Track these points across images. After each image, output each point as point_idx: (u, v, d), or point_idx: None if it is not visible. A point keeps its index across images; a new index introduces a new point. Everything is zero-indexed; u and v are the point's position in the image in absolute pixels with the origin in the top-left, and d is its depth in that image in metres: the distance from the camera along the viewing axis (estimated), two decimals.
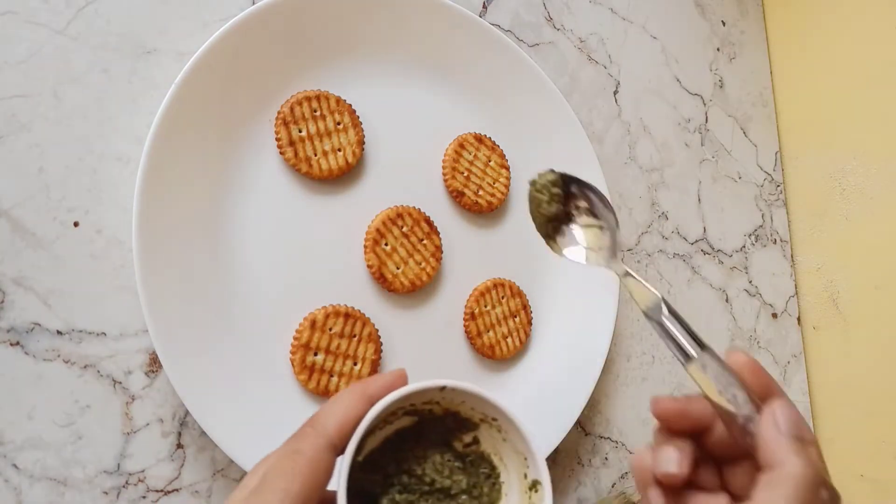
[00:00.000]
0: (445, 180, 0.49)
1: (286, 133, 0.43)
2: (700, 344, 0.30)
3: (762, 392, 0.29)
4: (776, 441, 0.26)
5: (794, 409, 0.27)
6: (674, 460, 0.28)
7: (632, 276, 0.33)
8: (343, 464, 0.25)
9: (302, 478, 0.24)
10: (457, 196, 0.49)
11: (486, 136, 0.51)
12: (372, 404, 0.27)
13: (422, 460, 0.30)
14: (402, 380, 0.28)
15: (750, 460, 0.28)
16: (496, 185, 0.51)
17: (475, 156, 0.50)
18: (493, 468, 0.31)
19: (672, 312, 0.31)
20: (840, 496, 0.27)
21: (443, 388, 0.28)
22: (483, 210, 0.50)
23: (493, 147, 0.51)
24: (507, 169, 0.51)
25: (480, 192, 0.50)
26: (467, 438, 0.31)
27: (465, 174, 0.49)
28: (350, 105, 0.45)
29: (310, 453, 0.25)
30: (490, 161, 0.50)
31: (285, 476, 0.24)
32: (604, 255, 0.36)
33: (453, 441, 0.31)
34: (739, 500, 0.28)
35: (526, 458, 0.29)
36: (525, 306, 0.50)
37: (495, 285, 0.49)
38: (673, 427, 0.30)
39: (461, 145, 0.50)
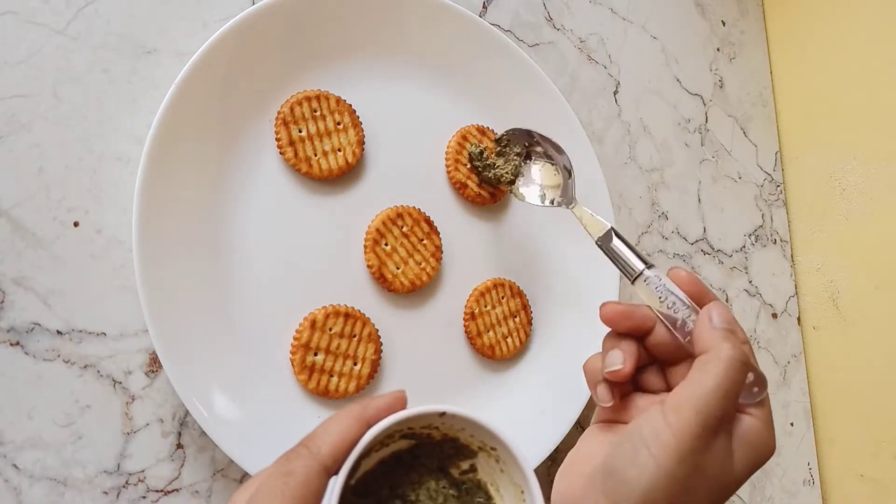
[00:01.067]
0: (448, 172, 0.49)
1: (286, 133, 0.43)
2: (645, 262, 0.35)
3: (700, 300, 0.34)
4: (709, 332, 0.31)
5: (727, 309, 0.32)
6: (618, 358, 0.33)
7: (584, 209, 0.40)
8: (335, 487, 0.25)
9: (292, 501, 0.24)
10: (460, 188, 0.49)
11: (488, 128, 0.51)
12: (369, 427, 0.26)
13: (416, 486, 0.29)
14: (402, 402, 0.28)
15: (690, 360, 0.32)
16: None
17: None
18: (489, 498, 0.30)
19: (620, 238, 0.37)
20: (766, 380, 0.31)
21: (443, 414, 0.28)
22: (486, 202, 0.50)
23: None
24: None
25: (484, 184, 0.50)
26: (464, 465, 0.30)
27: (469, 165, 0.49)
28: (350, 105, 0.45)
29: (301, 475, 0.24)
30: (494, 152, 0.50)
31: (275, 498, 0.23)
32: (558, 193, 0.44)
33: (450, 467, 0.30)
34: None
35: (523, 492, 0.28)
36: (525, 306, 0.50)
37: (495, 285, 0.49)
38: (618, 328, 0.34)
39: (464, 137, 0.49)
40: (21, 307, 0.36)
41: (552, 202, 0.45)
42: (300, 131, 0.43)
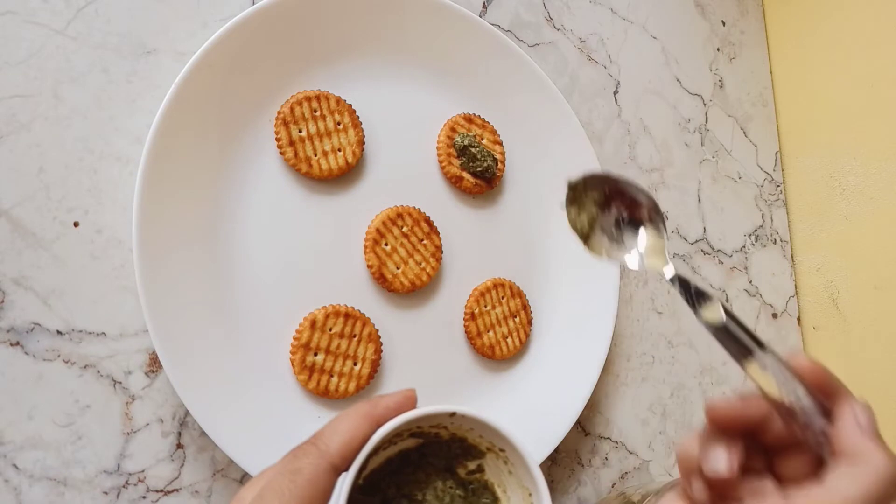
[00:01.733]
0: (442, 167, 0.49)
1: (286, 133, 0.43)
2: (759, 343, 0.29)
3: (826, 393, 0.29)
4: (857, 435, 0.26)
5: (871, 411, 0.28)
6: (723, 460, 0.27)
7: (688, 279, 0.32)
8: (343, 487, 0.25)
9: (299, 500, 0.23)
10: (455, 181, 0.49)
11: (475, 114, 0.51)
12: (378, 426, 0.26)
13: (423, 485, 0.29)
14: (412, 402, 0.27)
15: (803, 453, 0.28)
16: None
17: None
18: (496, 499, 0.30)
19: (728, 313, 0.31)
20: None
21: (453, 415, 0.27)
22: (483, 190, 0.50)
23: (484, 124, 0.51)
24: (501, 144, 0.51)
25: (479, 171, 0.50)
26: (472, 466, 0.30)
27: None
28: (350, 105, 0.45)
29: (309, 473, 0.24)
30: (483, 139, 0.50)
31: (282, 496, 0.23)
32: (660, 258, 0.35)
33: (457, 467, 0.30)
34: (786, 483, 0.28)
35: (531, 494, 0.28)
36: (525, 306, 0.50)
37: (495, 285, 0.49)
38: (727, 428, 0.29)
39: (452, 129, 0.49)
40: (21, 307, 0.36)
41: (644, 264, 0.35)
42: (300, 131, 0.43)
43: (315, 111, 0.44)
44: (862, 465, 0.25)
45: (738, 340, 0.30)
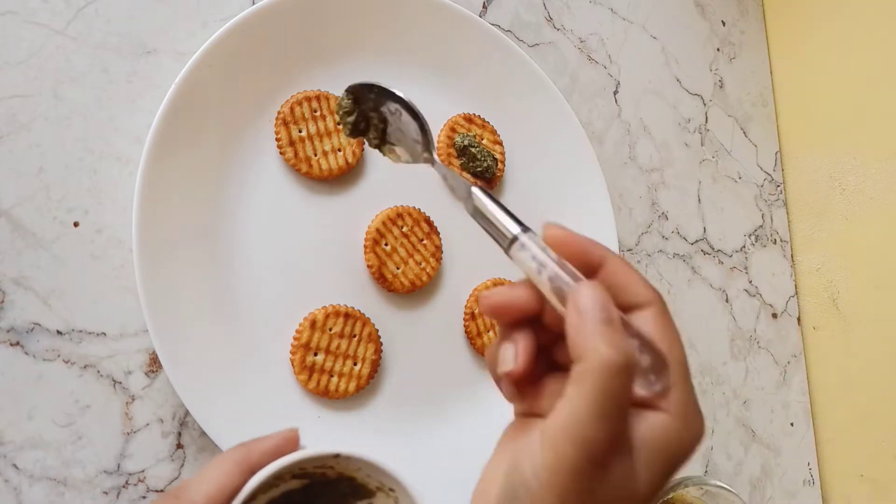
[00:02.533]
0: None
1: (286, 133, 0.43)
2: (521, 225, 0.27)
3: (587, 262, 0.26)
4: (578, 328, 0.23)
5: (599, 289, 0.24)
6: (510, 355, 0.26)
7: (445, 167, 0.32)
8: None
9: None
10: None
11: (475, 114, 0.51)
12: (252, 473, 0.24)
13: None
14: (293, 444, 0.25)
15: None
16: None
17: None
18: None
19: (490, 197, 0.28)
20: (666, 360, 0.24)
21: (337, 456, 0.26)
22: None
23: (484, 124, 0.51)
24: (501, 144, 0.51)
25: (479, 171, 0.50)
26: None
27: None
28: None
29: None
30: (483, 139, 0.50)
31: None
32: (419, 148, 0.34)
33: None
34: None
35: None
36: None
37: (495, 285, 0.49)
38: (503, 320, 0.27)
39: (452, 129, 0.49)
40: (21, 307, 0.36)
41: (420, 160, 0.35)
42: (300, 131, 0.43)
43: (315, 111, 0.44)
44: (586, 367, 0.22)
45: (494, 226, 0.28)
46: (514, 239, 0.27)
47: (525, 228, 0.27)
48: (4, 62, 0.37)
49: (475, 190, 0.29)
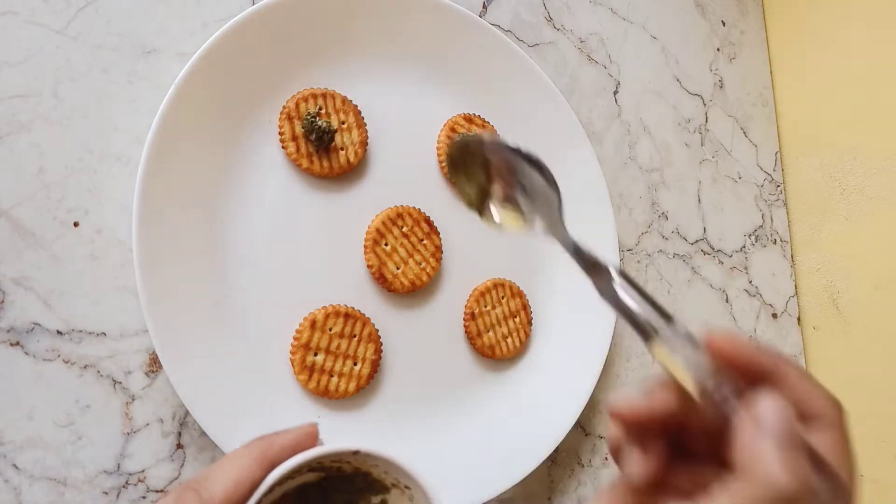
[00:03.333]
0: (442, 167, 0.49)
1: (290, 128, 0.43)
2: (666, 316, 0.25)
3: (754, 376, 0.24)
4: (750, 441, 0.21)
5: (785, 406, 0.21)
6: (635, 465, 0.24)
7: (581, 249, 0.28)
8: None
9: None
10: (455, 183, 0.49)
11: (475, 114, 0.51)
12: (272, 467, 0.24)
13: None
14: (312, 438, 0.25)
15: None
16: None
17: None
18: None
19: (630, 283, 0.26)
20: (847, 494, 0.21)
21: (356, 452, 0.26)
22: None
23: (484, 124, 0.51)
24: None
25: None
26: (375, 500, 0.29)
27: None
28: (356, 105, 0.45)
29: None
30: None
31: None
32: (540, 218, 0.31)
33: (359, 501, 0.29)
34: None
35: None
36: (525, 306, 0.50)
37: (495, 285, 0.49)
38: (640, 430, 0.25)
39: (452, 129, 0.49)
40: (21, 307, 0.36)
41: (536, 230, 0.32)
42: (303, 127, 0.43)
43: (320, 108, 0.44)
44: (748, 479, 0.20)
45: (635, 317, 0.25)
46: (656, 330, 0.24)
47: (669, 319, 0.25)
48: (4, 62, 0.37)
49: (615, 275, 0.26)
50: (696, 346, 0.24)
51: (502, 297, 0.49)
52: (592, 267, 0.27)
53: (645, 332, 0.25)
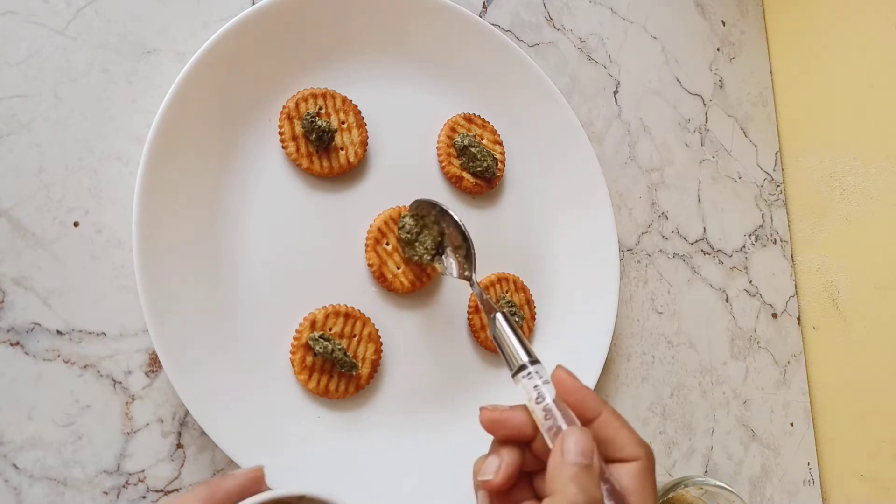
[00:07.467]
0: (442, 167, 0.49)
1: (290, 128, 0.43)
2: (530, 356, 0.31)
3: (583, 411, 0.29)
4: (559, 468, 0.26)
5: (588, 437, 0.27)
6: (492, 468, 0.29)
7: (480, 290, 0.37)
8: None
9: None
10: (455, 181, 0.49)
11: (475, 114, 0.51)
12: None
13: None
14: (258, 483, 0.25)
15: None
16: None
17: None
18: None
19: (509, 323, 0.33)
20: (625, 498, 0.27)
21: (302, 498, 0.25)
22: (483, 190, 0.50)
23: (484, 124, 0.51)
24: (501, 144, 0.51)
25: (479, 170, 0.49)
26: None
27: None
28: (356, 106, 0.45)
29: None
30: (483, 139, 0.50)
31: None
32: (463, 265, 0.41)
33: None
34: None
35: None
36: (529, 301, 0.50)
37: (500, 279, 0.49)
38: (497, 436, 0.30)
39: (452, 129, 0.49)
40: (21, 307, 0.36)
41: (463, 276, 0.41)
42: (303, 127, 0.43)
43: (320, 108, 0.44)
44: (553, 499, 0.25)
45: (506, 352, 0.32)
46: (523, 367, 0.31)
47: (534, 361, 0.31)
48: (4, 62, 0.37)
49: (498, 315, 0.33)
50: (548, 384, 0.30)
51: (506, 292, 0.49)
52: (489, 308, 0.34)
53: (510, 364, 0.31)
